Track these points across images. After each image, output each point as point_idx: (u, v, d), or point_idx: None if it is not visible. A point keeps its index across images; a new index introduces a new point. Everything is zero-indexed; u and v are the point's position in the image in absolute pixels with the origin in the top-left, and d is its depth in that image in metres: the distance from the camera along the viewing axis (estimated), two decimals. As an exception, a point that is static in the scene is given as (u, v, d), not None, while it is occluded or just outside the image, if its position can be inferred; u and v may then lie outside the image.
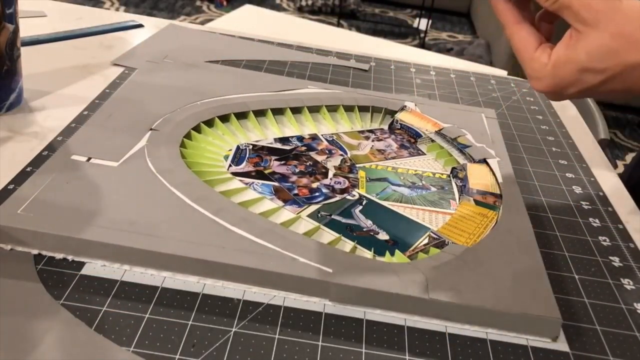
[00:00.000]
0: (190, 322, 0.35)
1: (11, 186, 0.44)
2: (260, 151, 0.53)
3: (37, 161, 0.47)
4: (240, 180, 0.48)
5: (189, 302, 0.37)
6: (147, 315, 0.35)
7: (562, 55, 0.39)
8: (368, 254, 0.42)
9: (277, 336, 0.35)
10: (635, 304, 0.41)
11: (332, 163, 0.53)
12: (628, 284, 0.43)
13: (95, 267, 0.38)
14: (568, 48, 0.39)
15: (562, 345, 0.37)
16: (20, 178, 0.44)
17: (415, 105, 0.62)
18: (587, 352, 0.37)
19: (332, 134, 0.58)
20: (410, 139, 0.59)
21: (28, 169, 0.46)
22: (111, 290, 0.37)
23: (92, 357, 0.32)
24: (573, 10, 0.38)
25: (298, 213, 0.45)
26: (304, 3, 3.36)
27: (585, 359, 0.37)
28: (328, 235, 0.43)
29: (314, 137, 0.56)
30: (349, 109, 0.62)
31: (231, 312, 0.36)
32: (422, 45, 3.05)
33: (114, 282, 0.37)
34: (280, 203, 0.46)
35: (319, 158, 0.53)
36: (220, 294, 0.37)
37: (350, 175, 0.51)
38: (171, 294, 0.37)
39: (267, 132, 0.56)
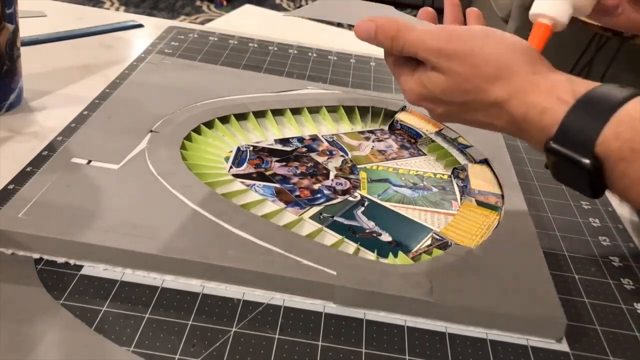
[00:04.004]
0: (190, 322, 0.35)
1: (11, 186, 0.44)
2: (260, 152, 0.53)
3: (37, 161, 0.47)
4: (242, 182, 0.48)
5: (189, 302, 0.37)
6: (147, 315, 0.35)
7: (420, 83, 0.39)
8: (371, 255, 0.42)
9: (277, 336, 0.35)
10: (635, 304, 0.41)
11: (333, 164, 0.53)
12: (628, 284, 0.43)
13: (95, 268, 0.38)
14: (425, 78, 0.39)
15: (562, 345, 0.37)
16: (20, 178, 0.44)
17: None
18: (587, 352, 0.37)
19: (333, 134, 0.58)
20: (411, 140, 0.59)
21: (28, 169, 0.46)
22: (111, 290, 0.37)
23: (92, 357, 0.32)
24: (421, 56, 0.38)
25: (300, 215, 0.45)
26: (304, 3, 3.36)
27: (585, 359, 0.37)
28: (331, 237, 0.43)
29: (315, 138, 0.56)
30: (349, 109, 0.62)
31: (231, 312, 0.36)
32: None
33: (113, 283, 0.37)
34: (282, 205, 0.46)
35: (320, 159, 0.53)
36: (220, 294, 0.37)
37: (352, 177, 0.51)
38: (171, 294, 0.37)
39: (267, 134, 0.56)
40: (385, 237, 0.44)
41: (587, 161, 0.32)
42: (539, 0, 0.44)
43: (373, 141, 0.58)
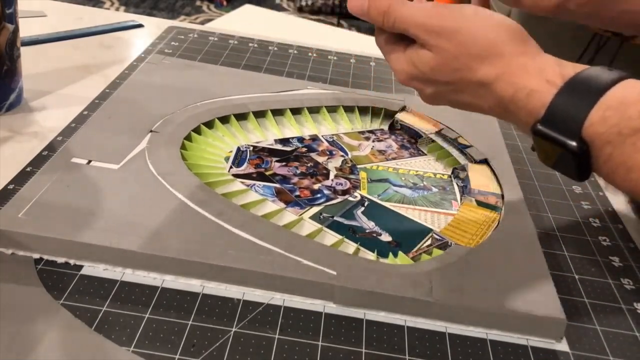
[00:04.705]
0: (190, 322, 0.35)
1: (11, 186, 0.44)
2: (260, 152, 0.53)
3: (37, 161, 0.47)
4: (242, 182, 0.48)
5: (189, 302, 0.37)
6: (147, 315, 0.35)
7: (410, 62, 0.39)
8: (371, 255, 0.42)
9: (277, 336, 0.35)
10: (635, 304, 0.41)
11: (333, 164, 0.53)
12: (628, 284, 0.43)
13: (95, 268, 0.38)
14: (415, 57, 0.39)
15: (562, 345, 0.37)
16: (20, 178, 0.44)
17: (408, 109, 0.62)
18: (587, 352, 0.37)
19: (333, 134, 0.58)
20: (411, 140, 0.59)
21: (28, 169, 0.46)
22: (111, 290, 0.37)
23: (92, 357, 0.32)
24: (411, 33, 0.38)
25: (300, 215, 0.45)
26: (304, 3, 3.35)
27: (585, 359, 0.37)
28: (331, 237, 0.43)
29: (314, 138, 0.56)
30: (349, 109, 0.62)
31: (231, 312, 0.36)
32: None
33: (113, 282, 0.37)
34: (282, 205, 0.46)
35: (320, 159, 0.53)
36: (220, 294, 0.38)
37: (352, 177, 0.51)
38: (171, 294, 0.37)
39: (267, 134, 0.56)
40: (385, 237, 0.44)
41: (574, 144, 0.32)
42: None
43: (373, 141, 0.58)
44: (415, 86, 0.40)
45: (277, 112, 0.59)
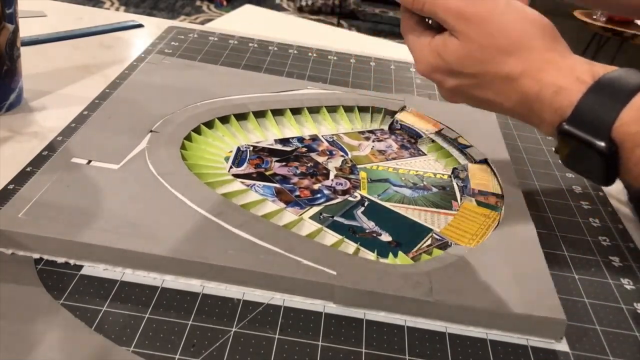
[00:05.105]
0: (190, 322, 0.35)
1: (11, 186, 0.44)
2: (260, 152, 0.53)
3: (37, 161, 0.47)
4: (242, 182, 0.48)
5: (189, 302, 0.37)
6: (147, 315, 0.35)
7: (435, 52, 0.38)
8: (371, 255, 0.42)
9: (277, 336, 0.35)
10: (635, 304, 0.41)
11: (333, 164, 0.53)
12: (628, 284, 0.43)
13: (95, 267, 0.38)
14: (442, 46, 0.38)
15: (562, 345, 0.37)
16: (20, 178, 0.44)
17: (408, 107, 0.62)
18: (587, 352, 0.37)
19: (333, 134, 0.58)
20: (411, 140, 0.59)
21: (28, 169, 0.46)
22: (111, 290, 0.37)
23: (92, 357, 0.32)
24: (440, 17, 0.37)
25: (300, 215, 0.45)
26: (304, 3, 3.36)
27: (585, 359, 0.37)
28: (331, 237, 0.43)
29: (314, 138, 0.56)
30: (349, 109, 0.62)
31: (231, 312, 0.36)
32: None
33: (113, 282, 0.37)
34: (282, 205, 0.46)
35: (320, 159, 0.53)
36: (220, 294, 0.38)
37: (352, 177, 0.51)
38: (171, 294, 0.37)
39: (267, 134, 0.56)
40: (385, 237, 0.44)
41: (602, 144, 0.31)
42: None
43: (373, 141, 0.58)
44: (436, 78, 0.39)
45: (277, 112, 0.59)
